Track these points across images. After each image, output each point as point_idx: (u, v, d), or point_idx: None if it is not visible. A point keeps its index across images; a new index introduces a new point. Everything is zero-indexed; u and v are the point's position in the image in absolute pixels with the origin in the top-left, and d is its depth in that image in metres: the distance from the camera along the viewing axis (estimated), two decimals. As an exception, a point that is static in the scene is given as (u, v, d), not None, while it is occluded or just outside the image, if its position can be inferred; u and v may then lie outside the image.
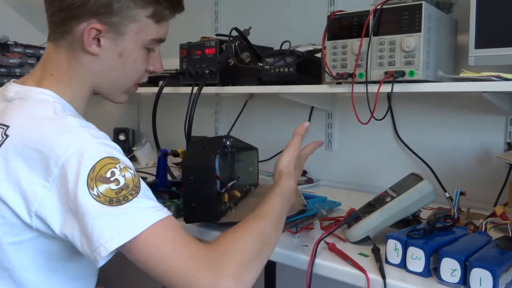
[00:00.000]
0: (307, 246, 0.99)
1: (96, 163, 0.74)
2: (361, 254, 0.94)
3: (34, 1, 2.50)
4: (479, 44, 1.11)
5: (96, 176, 0.73)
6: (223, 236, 0.80)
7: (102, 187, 0.73)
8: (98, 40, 0.87)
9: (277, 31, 1.81)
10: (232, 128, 2.00)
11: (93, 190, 0.72)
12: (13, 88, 0.89)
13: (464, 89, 1.10)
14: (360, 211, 1.05)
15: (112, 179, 0.74)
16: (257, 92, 1.74)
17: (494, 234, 0.98)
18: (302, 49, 1.48)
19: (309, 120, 1.77)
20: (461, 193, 1.03)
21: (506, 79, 1.03)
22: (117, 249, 0.72)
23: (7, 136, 0.78)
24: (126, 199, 0.74)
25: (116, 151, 0.79)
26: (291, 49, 1.44)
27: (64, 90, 0.89)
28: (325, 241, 0.97)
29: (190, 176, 1.05)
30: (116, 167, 0.75)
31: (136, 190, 0.75)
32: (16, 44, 2.12)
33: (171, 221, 0.76)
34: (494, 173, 1.34)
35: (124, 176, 0.75)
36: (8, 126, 0.80)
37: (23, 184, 0.75)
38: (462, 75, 1.12)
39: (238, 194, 1.20)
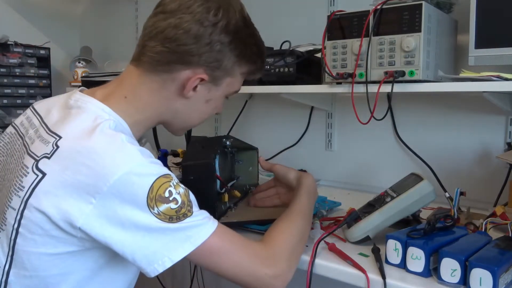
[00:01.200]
0: (307, 246, 0.99)
1: (154, 182, 0.75)
2: (361, 254, 0.94)
3: (34, 1, 2.51)
4: (479, 44, 1.11)
5: (155, 196, 0.74)
6: (272, 232, 0.90)
7: (163, 207, 0.75)
8: (195, 87, 0.89)
9: (277, 31, 1.81)
10: (232, 128, 2.00)
11: (153, 209, 0.74)
12: (75, 96, 0.87)
13: (464, 89, 1.10)
14: (360, 211, 1.05)
15: (171, 198, 0.76)
16: (257, 92, 1.74)
17: (494, 234, 0.98)
18: (302, 49, 1.48)
19: (309, 120, 1.77)
20: (461, 193, 1.03)
21: (506, 79, 1.03)
22: (181, 259, 0.76)
23: (57, 147, 0.78)
24: (185, 216, 0.77)
25: (165, 168, 0.80)
26: (291, 49, 1.44)
27: (128, 114, 0.88)
28: (325, 241, 0.97)
29: (190, 176, 1.05)
30: (171, 185, 0.77)
31: (190, 205, 0.79)
32: (16, 44, 2.12)
33: (222, 227, 0.82)
34: (494, 173, 1.34)
35: (179, 193, 0.77)
36: (60, 137, 0.79)
37: (68, 198, 0.74)
38: (462, 75, 1.12)
39: (238, 194, 1.21)
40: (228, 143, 1.23)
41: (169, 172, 0.79)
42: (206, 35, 0.85)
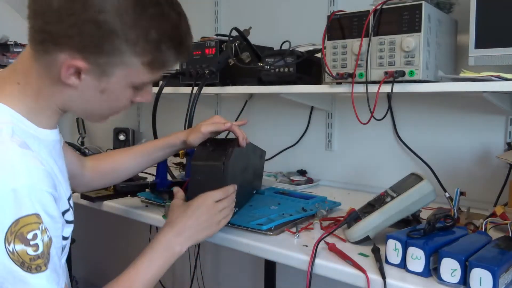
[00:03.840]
0: (307, 246, 0.99)
1: (22, 217, 0.67)
2: (361, 254, 0.94)
3: (34, 1, 2.50)
4: (479, 44, 1.11)
5: (17, 232, 0.67)
6: None
7: (19, 247, 0.67)
8: (79, 73, 0.76)
9: (277, 31, 1.81)
10: (232, 128, 2.00)
11: (9, 245, 0.67)
12: None
13: (464, 89, 1.10)
14: (360, 211, 1.05)
15: (32, 242, 0.68)
16: (257, 92, 1.74)
17: (494, 234, 0.98)
18: (302, 49, 1.48)
19: (309, 120, 1.77)
20: (461, 193, 1.03)
21: (506, 79, 1.03)
22: None
23: None
24: (38, 269, 0.69)
25: (49, 202, 0.72)
26: (291, 49, 1.44)
27: (25, 104, 0.79)
28: (325, 241, 0.97)
29: (198, 176, 1.04)
30: (39, 228, 0.69)
31: (48, 259, 0.71)
32: (16, 44, 2.12)
33: None
34: (494, 173, 1.34)
35: (43, 240, 0.70)
36: None
37: None
38: (462, 75, 1.12)
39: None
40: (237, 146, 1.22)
41: (46, 210, 0.71)
42: (73, 13, 0.70)
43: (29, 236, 0.68)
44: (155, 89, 1.60)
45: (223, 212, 1.00)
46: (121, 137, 2.39)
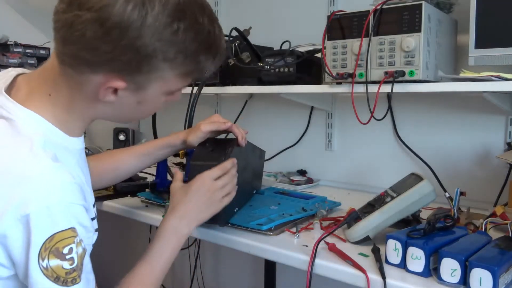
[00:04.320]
0: (307, 246, 0.99)
1: (57, 233, 0.68)
2: (361, 254, 0.94)
3: (34, 1, 2.50)
4: (479, 44, 1.11)
5: (51, 247, 0.67)
6: None
7: (54, 262, 0.68)
8: (116, 90, 0.75)
9: (277, 31, 1.81)
10: (232, 128, 2.00)
11: (43, 261, 0.67)
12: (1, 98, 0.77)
13: (464, 89, 1.10)
14: (360, 211, 1.05)
15: (67, 257, 0.69)
16: (257, 92, 1.74)
17: (494, 234, 0.98)
18: (302, 49, 1.48)
19: (309, 120, 1.77)
20: (461, 193, 1.03)
21: (506, 79, 1.03)
22: None
23: None
24: (73, 282, 0.70)
25: (82, 213, 0.73)
26: (291, 49, 1.44)
27: (55, 114, 0.78)
28: (325, 241, 0.97)
29: None
30: (74, 242, 0.69)
31: (81, 270, 0.71)
32: (16, 44, 2.12)
33: None
34: (494, 173, 1.34)
35: (77, 253, 0.70)
36: None
37: None
38: (462, 75, 1.12)
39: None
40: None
41: (81, 223, 0.72)
42: (111, 40, 0.68)
43: (65, 250, 0.68)
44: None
45: (225, 189, 1.00)
46: (121, 137, 2.38)
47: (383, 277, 0.83)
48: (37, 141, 0.72)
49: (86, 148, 0.94)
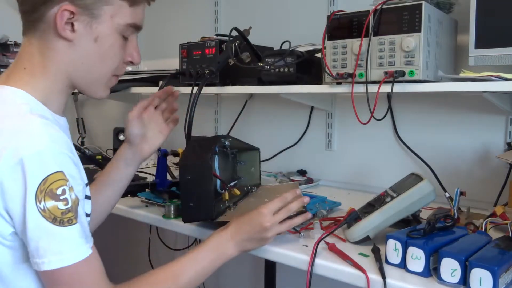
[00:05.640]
0: (307, 246, 0.99)
1: (50, 175, 0.73)
2: (361, 254, 0.94)
3: (34, 1, 2.50)
4: (479, 44, 1.11)
5: (46, 189, 0.72)
6: (143, 281, 0.86)
7: (50, 203, 0.73)
8: (72, 25, 0.83)
9: (277, 31, 1.81)
10: (232, 128, 2.00)
11: (40, 203, 0.72)
12: None
13: (464, 89, 1.10)
14: (360, 211, 1.05)
15: (61, 197, 0.73)
16: (257, 92, 1.74)
17: (494, 234, 0.98)
18: (302, 49, 1.48)
19: (309, 120, 1.77)
20: (461, 193, 1.03)
21: (506, 79, 1.03)
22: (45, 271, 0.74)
23: None
24: (70, 222, 0.74)
25: (70, 164, 0.77)
26: (291, 49, 1.44)
27: (36, 86, 0.85)
28: (325, 241, 0.97)
29: (187, 176, 1.05)
30: (66, 185, 0.74)
31: (76, 214, 0.76)
32: (16, 44, 2.12)
33: (94, 258, 0.79)
34: (494, 173, 1.34)
35: (71, 196, 0.75)
36: None
37: None
38: (462, 75, 1.12)
39: (238, 192, 1.20)
40: (226, 143, 1.23)
41: (71, 172, 0.76)
42: None
43: (58, 191, 0.73)
44: (155, 89, 1.61)
45: (281, 227, 0.96)
46: (121, 137, 2.38)
47: (383, 277, 0.83)
48: (23, 108, 0.79)
49: (86, 148, 0.94)
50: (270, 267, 1.84)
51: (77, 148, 2.07)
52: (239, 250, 0.95)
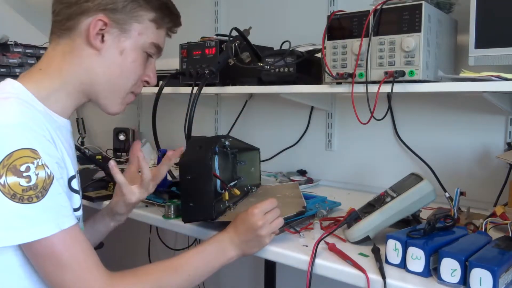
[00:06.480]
0: (307, 246, 0.99)
1: (15, 151, 0.72)
2: (361, 254, 0.94)
3: (34, 1, 2.50)
4: (479, 44, 1.11)
5: (9, 165, 0.72)
6: (127, 275, 0.85)
7: (11, 179, 0.72)
8: (102, 36, 0.88)
9: (277, 31, 1.81)
10: (232, 128, 2.00)
11: (0, 178, 0.71)
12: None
13: (464, 89, 1.10)
14: (360, 211, 1.05)
15: (24, 174, 0.73)
16: (257, 92, 1.74)
17: (494, 234, 0.98)
18: (302, 49, 1.48)
19: (309, 120, 1.77)
20: (461, 193, 1.03)
21: (506, 79, 1.03)
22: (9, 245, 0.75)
23: None
24: (30, 200, 0.73)
25: (44, 142, 0.78)
26: (291, 49, 1.44)
27: (40, 83, 0.87)
28: (325, 241, 0.97)
29: (187, 176, 1.05)
30: (33, 163, 0.74)
31: (42, 193, 0.74)
32: (16, 44, 2.12)
33: (72, 237, 0.78)
34: (494, 173, 1.34)
35: (37, 174, 0.74)
36: None
37: None
38: (462, 75, 1.12)
39: (238, 192, 1.20)
40: (226, 142, 1.23)
41: (41, 153, 0.75)
42: None
43: (22, 168, 0.72)
44: (155, 89, 1.61)
45: (272, 225, 0.97)
46: (121, 137, 2.38)
47: (383, 277, 0.83)
48: (8, 94, 0.81)
49: (86, 148, 0.95)
50: (270, 267, 1.84)
51: (77, 148, 2.08)
52: (239, 252, 0.96)
